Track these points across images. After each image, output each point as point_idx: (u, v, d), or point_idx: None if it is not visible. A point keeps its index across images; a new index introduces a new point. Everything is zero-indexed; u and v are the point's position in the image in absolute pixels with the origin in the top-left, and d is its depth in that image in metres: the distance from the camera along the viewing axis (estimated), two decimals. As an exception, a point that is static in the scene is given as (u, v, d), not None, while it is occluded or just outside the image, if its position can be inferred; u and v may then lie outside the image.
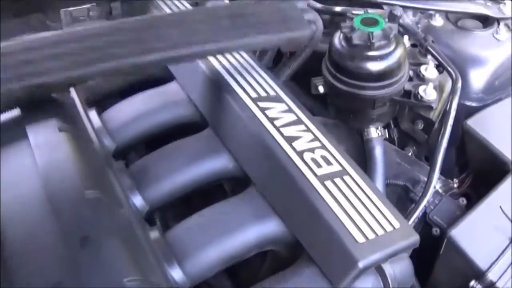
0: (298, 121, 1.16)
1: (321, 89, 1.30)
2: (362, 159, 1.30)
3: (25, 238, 0.96)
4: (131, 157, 1.39)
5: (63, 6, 1.69)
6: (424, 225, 1.30)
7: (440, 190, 1.34)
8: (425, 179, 1.32)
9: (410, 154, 1.47)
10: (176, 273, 1.02)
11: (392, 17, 1.32)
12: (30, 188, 1.02)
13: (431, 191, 1.23)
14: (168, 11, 1.51)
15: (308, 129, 1.15)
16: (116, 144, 1.25)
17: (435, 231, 1.28)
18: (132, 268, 0.93)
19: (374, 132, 1.31)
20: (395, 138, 1.47)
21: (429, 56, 1.41)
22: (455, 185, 1.38)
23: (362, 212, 1.02)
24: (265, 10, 1.18)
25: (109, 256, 0.94)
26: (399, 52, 1.24)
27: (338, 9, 1.45)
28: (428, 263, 1.25)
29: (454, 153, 1.44)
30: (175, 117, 1.32)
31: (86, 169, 1.09)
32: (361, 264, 0.96)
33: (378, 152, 1.30)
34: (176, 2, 1.54)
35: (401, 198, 1.34)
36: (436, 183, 1.27)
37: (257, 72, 1.27)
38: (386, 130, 1.36)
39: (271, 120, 1.15)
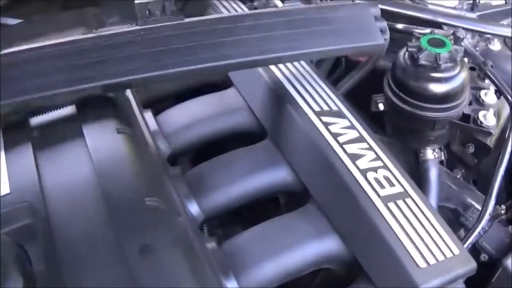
0: (361, 139, 1.15)
1: (381, 106, 1.29)
2: (415, 179, 1.29)
3: (82, 245, 0.96)
4: (181, 162, 1.38)
5: (119, 2, 1.68)
6: (472, 250, 1.29)
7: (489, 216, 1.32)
8: (475, 203, 1.31)
9: (458, 176, 1.46)
10: (232, 286, 1.01)
11: (456, 39, 1.30)
12: (88, 192, 1.02)
13: (486, 218, 1.22)
14: (225, 12, 1.50)
15: (371, 148, 1.14)
16: (172, 149, 1.24)
17: (483, 257, 1.27)
18: (190, 279, 0.93)
19: (431, 153, 1.31)
20: (444, 159, 1.45)
21: (487, 81, 1.40)
22: (503, 212, 1.36)
23: (424, 236, 1.02)
24: (339, 16, 1.16)
25: (167, 266, 0.93)
26: (463, 75, 1.24)
27: (399, 26, 1.43)
28: None
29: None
30: (233, 124, 1.31)
31: (145, 175, 1.09)
32: None
33: (434, 174, 1.29)
34: (232, 3, 1.54)
35: (451, 221, 1.32)
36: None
37: (318, 84, 1.26)
38: (442, 152, 1.34)
39: (335, 136, 1.14)
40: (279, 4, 1.58)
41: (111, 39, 1.02)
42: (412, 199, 1.07)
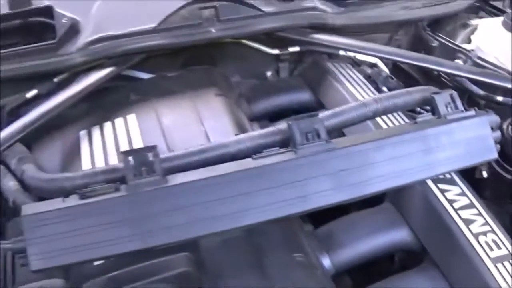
0: (472, 205, 1.31)
1: (484, 174, 1.44)
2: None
3: None
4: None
5: (237, 61, 1.87)
6: None
7: None
8: None
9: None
10: None
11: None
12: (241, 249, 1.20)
13: None
14: (340, 77, 1.72)
15: (480, 213, 1.30)
16: (334, 269, 1.33)
17: None
18: None
19: (530, 218, 1.45)
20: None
21: None
22: None
23: None
24: (462, 136, 1.28)
25: None
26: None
27: (499, 99, 1.59)
28: None
29: None
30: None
31: (290, 232, 1.26)
32: None
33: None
34: (348, 70, 1.74)
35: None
36: None
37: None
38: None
39: (450, 202, 1.30)
40: (385, 69, 1.76)
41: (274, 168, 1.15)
42: None
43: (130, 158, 1.13)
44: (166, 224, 1.09)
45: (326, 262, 1.30)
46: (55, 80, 1.71)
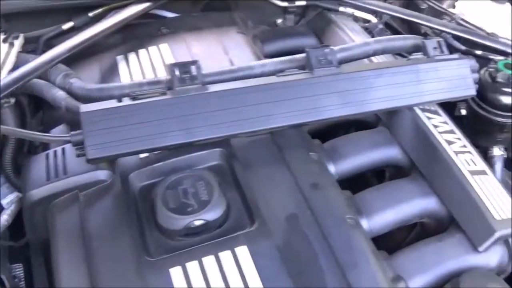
0: (452, 131, 1.57)
1: (463, 111, 1.70)
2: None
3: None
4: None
5: (249, 9, 2.12)
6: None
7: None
8: None
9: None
10: (364, 225, 1.40)
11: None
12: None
13: None
14: (343, 26, 1.98)
15: (459, 138, 1.55)
16: (338, 175, 1.54)
17: None
18: (349, 210, 1.35)
19: (498, 151, 1.70)
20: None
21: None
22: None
23: (497, 200, 1.40)
24: (445, 71, 1.54)
25: (333, 199, 1.36)
26: (528, 91, 1.65)
27: (478, 52, 1.84)
28: None
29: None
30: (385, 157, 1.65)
31: (305, 138, 1.52)
32: (497, 234, 1.34)
33: (498, 167, 1.68)
34: (350, 23, 2.01)
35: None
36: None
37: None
38: (506, 152, 1.74)
39: (435, 126, 1.56)
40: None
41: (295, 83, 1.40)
42: (488, 176, 1.48)
43: (176, 69, 1.35)
44: (205, 123, 1.31)
45: (331, 168, 1.51)
46: (90, 14, 1.93)
